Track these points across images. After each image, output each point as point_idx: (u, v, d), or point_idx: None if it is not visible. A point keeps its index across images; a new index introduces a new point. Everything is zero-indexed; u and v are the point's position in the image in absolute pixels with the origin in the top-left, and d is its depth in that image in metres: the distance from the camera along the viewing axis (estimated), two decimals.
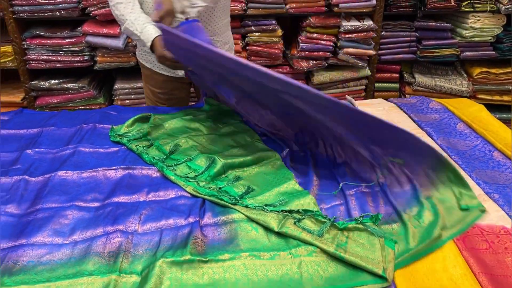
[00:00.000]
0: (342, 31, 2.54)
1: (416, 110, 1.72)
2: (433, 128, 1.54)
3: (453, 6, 2.52)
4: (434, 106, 1.75)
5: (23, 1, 2.39)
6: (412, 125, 1.59)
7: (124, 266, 0.93)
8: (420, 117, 1.65)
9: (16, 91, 2.70)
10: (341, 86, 2.73)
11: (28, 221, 1.07)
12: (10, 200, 1.14)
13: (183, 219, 1.06)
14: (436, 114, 1.68)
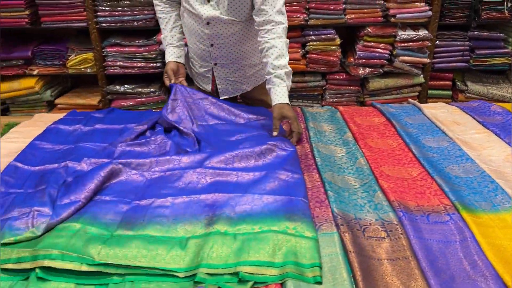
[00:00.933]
0: (398, 40, 2.69)
1: (479, 113, 1.83)
2: (499, 128, 1.65)
3: (506, 17, 2.63)
4: (496, 109, 1.86)
5: (106, 12, 2.65)
6: (478, 126, 1.71)
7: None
8: (484, 119, 1.76)
9: (91, 95, 2.95)
10: (395, 92, 2.86)
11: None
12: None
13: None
14: (499, 116, 1.79)
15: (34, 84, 2.78)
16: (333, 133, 1.68)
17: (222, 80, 1.87)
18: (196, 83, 1.97)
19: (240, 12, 1.66)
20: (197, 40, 1.77)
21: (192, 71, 1.96)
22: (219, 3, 1.65)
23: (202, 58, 1.83)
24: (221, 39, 1.73)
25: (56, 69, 2.81)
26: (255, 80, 1.92)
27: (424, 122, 1.76)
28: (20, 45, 2.83)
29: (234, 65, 1.83)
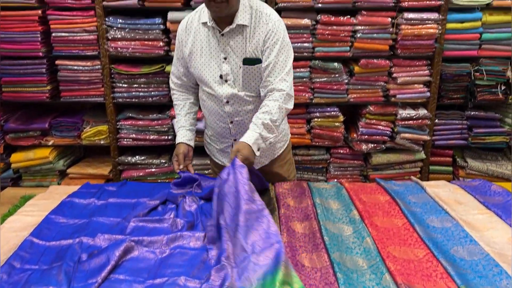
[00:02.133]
0: (398, 118, 2.82)
1: (480, 192, 1.89)
2: (500, 209, 1.70)
3: (501, 99, 2.79)
4: (496, 189, 1.92)
5: (123, 89, 2.81)
6: (480, 206, 1.75)
7: None
8: (485, 199, 1.82)
9: (103, 165, 3.04)
10: (397, 167, 2.95)
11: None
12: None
13: None
14: (500, 196, 1.84)
15: (48, 154, 2.88)
16: (340, 211, 1.73)
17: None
18: (215, 159, 2.05)
19: (254, 87, 1.79)
20: (217, 119, 1.88)
21: (211, 148, 2.04)
22: (235, 82, 1.78)
23: (222, 135, 1.93)
24: (240, 116, 1.84)
25: (71, 140, 2.93)
26: (272, 153, 2.00)
27: (428, 201, 1.81)
28: (39, 117, 2.97)
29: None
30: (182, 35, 1.83)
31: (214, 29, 1.74)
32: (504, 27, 2.71)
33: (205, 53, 1.77)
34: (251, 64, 1.74)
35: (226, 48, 1.74)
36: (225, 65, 1.76)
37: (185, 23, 1.83)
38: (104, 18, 2.69)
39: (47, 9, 2.71)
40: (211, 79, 1.78)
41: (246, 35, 1.72)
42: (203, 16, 1.76)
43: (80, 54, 2.77)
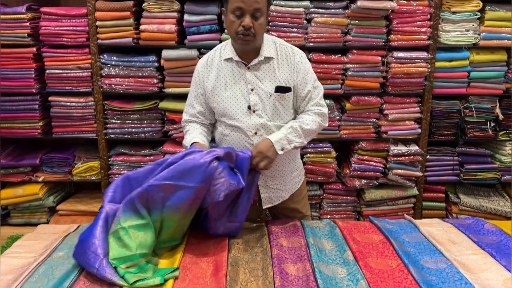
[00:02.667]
0: (390, 154, 2.84)
1: (473, 231, 1.88)
2: (494, 249, 1.69)
3: (490, 135, 2.82)
4: (490, 228, 1.91)
5: (116, 125, 2.81)
6: (474, 246, 1.74)
7: None
8: (479, 238, 1.81)
9: (93, 201, 3.01)
10: (391, 203, 2.94)
11: None
12: None
13: None
14: (493, 236, 1.83)
15: (38, 191, 2.85)
16: (334, 251, 1.70)
17: (265, 189, 1.93)
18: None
19: (283, 115, 1.84)
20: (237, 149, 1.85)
21: None
22: (264, 111, 1.81)
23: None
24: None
25: (62, 176, 2.90)
26: (292, 186, 2.00)
27: (421, 241, 1.79)
28: (30, 152, 2.95)
29: (276, 171, 1.92)
30: (202, 72, 1.86)
31: (239, 63, 1.81)
32: (491, 65, 2.78)
33: (230, 86, 1.82)
34: (283, 92, 1.82)
35: (253, 80, 1.81)
36: (253, 96, 1.80)
37: (205, 61, 1.88)
38: (98, 55, 2.72)
39: (42, 46, 2.74)
40: (238, 111, 1.81)
41: (274, 66, 1.82)
42: (224, 53, 1.83)
43: (74, 90, 2.78)
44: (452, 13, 2.69)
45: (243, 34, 1.69)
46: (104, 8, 2.63)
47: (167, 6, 2.65)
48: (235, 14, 1.69)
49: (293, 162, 1.97)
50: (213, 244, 1.71)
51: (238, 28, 1.70)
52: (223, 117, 1.86)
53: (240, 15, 1.69)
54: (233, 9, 1.69)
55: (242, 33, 1.69)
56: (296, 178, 2.01)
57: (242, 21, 1.68)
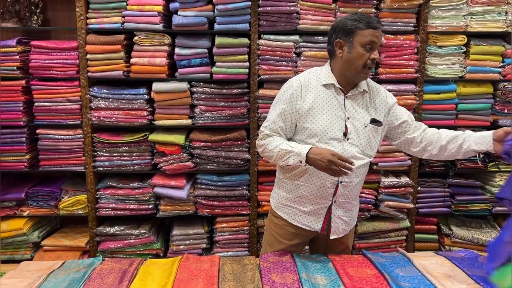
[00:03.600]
0: (382, 186, 2.83)
1: (467, 265, 1.85)
2: (489, 283, 1.66)
3: (480, 166, 2.84)
4: (483, 260, 1.90)
5: (104, 157, 2.78)
6: (469, 280, 1.71)
7: None
8: (473, 272, 1.77)
9: (79, 236, 2.93)
10: (383, 236, 2.91)
11: None
12: None
13: None
14: None
15: (23, 226, 2.76)
16: (327, 287, 1.66)
17: (337, 219, 1.92)
18: (296, 222, 1.94)
19: (374, 146, 1.90)
20: (323, 179, 1.83)
21: (292, 211, 1.94)
22: (357, 140, 1.84)
23: (320, 196, 1.87)
24: (351, 177, 1.84)
25: (48, 210, 2.83)
26: (354, 221, 2.04)
27: (416, 275, 1.76)
28: (15, 186, 2.89)
29: (349, 204, 1.93)
30: (297, 91, 1.86)
31: (338, 90, 1.87)
32: (478, 98, 2.83)
33: (327, 111, 1.84)
34: (377, 125, 1.89)
35: (351, 109, 1.86)
36: (349, 124, 1.84)
37: (299, 82, 1.88)
38: (88, 88, 2.71)
39: (31, 79, 2.73)
40: (332, 136, 1.82)
41: (366, 99, 1.90)
42: (322, 79, 1.88)
43: (62, 123, 2.76)
44: (438, 47, 2.75)
45: (370, 68, 1.81)
46: (95, 41, 2.65)
47: (158, 39, 2.68)
48: (366, 47, 1.77)
49: (358, 198, 2.03)
50: (203, 280, 1.66)
51: (367, 61, 1.78)
52: (313, 139, 1.83)
53: (370, 49, 1.78)
54: (365, 42, 1.77)
55: (369, 66, 1.79)
56: (356, 213, 2.04)
57: (371, 55, 1.78)
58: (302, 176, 1.88)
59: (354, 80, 1.86)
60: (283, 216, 1.97)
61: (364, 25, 1.77)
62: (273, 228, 2.01)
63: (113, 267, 1.79)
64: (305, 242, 2.05)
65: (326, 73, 1.88)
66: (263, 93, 2.72)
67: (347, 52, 1.81)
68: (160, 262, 1.86)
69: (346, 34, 1.80)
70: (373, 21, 1.78)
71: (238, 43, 2.68)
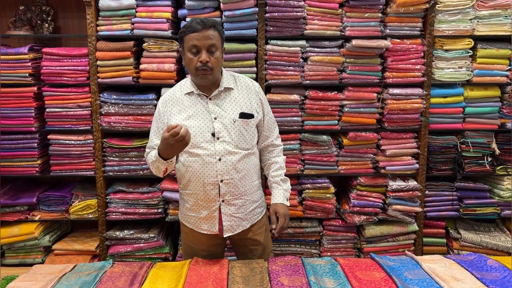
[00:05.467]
0: (389, 190, 2.83)
1: (476, 268, 1.85)
2: (498, 286, 1.66)
3: (488, 170, 2.83)
4: (493, 264, 1.89)
5: (114, 162, 2.81)
6: (478, 283, 1.71)
7: None
8: (482, 275, 1.78)
9: (90, 240, 2.96)
10: (391, 240, 2.90)
11: None
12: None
13: None
14: (497, 272, 1.80)
15: (34, 230, 2.81)
16: None
17: (228, 217, 1.97)
18: (199, 229, 2.01)
19: (247, 140, 1.95)
20: (205, 181, 1.90)
21: (192, 220, 2.01)
22: (228, 137, 1.89)
23: (208, 199, 1.94)
24: (230, 174, 1.91)
25: (58, 215, 2.87)
26: (253, 217, 2.05)
27: (424, 278, 1.76)
28: (27, 191, 2.93)
29: (239, 200, 1.97)
30: (164, 108, 1.98)
31: (200, 96, 1.93)
32: (485, 101, 2.83)
33: (193, 117, 1.91)
34: (247, 118, 1.94)
35: (216, 109, 1.91)
36: (217, 124, 1.90)
37: (165, 98, 1.98)
38: (98, 94, 2.75)
39: (43, 85, 2.78)
40: (202, 139, 1.89)
41: (234, 95, 1.96)
42: (185, 88, 1.96)
43: (73, 128, 2.80)
44: (445, 51, 2.76)
45: (202, 69, 1.83)
46: (105, 48, 2.69)
47: (166, 46, 2.71)
48: (192, 51, 1.84)
49: (254, 193, 2.04)
50: (212, 283, 1.68)
51: (196, 64, 1.83)
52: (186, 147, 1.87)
53: (196, 52, 1.83)
54: (189, 47, 1.84)
55: (201, 68, 1.83)
56: (257, 209, 2.07)
57: (199, 57, 1.83)
58: (188, 184, 1.96)
59: (199, 83, 1.91)
60: (189, 226, 2.04)
61: (187, 30, 1.85)
62: (186, 237, 2.10)
63: (124, 270, 1.82)
64: (219, 244, 2.08)
65: (188, 82, 1.96)
66: (271, 98, 2.74)
67: (184, 59, 1.92)
68: (170, 265, 1.88)
69: (181, 41, 1.90)
70: (194, 25, 1.82)
71: (246, 49, 2.71)
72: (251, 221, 2.04)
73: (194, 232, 2.03)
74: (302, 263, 1.90)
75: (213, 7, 2.71)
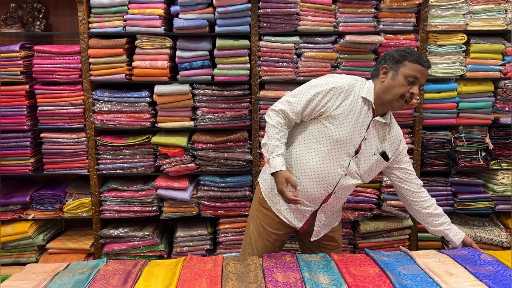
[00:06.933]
0: (384, 185, 2.84)
1: (470, 262, 1.86)
2: (492, 280, 1.66)
3: (482, 165, 2.84)
4: (486, 258, 1.89)
5: (108, 160, 2.80)
6: (471, 277, 1.72)
7: None
8: (476, 269, 1.78)
9: (84, 238, 2.95)
10: (386, 235, 2.91)
11: None
12: None
13: None
14: (490, 266, 1.81)
15: (28, 229, 2.79)
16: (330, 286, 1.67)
17: (320, 223, 2.02)
18: (281, 215, 2.02)
19: (372, 175, 2.02)
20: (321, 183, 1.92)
21: (281, 202, 2.00)
22: (363, 162, 1.93)
23: (311, 199, 1.96)
24: (343, 190, 1.97)
25: (52, 213, 2.85)
26: (338, 218, 2.17)
27: (418, 273, 1.77)
28: (20, 190, 2.91)
29: (332, 213, 2.05)
30: (337, 94, 1.88)
31: (370, 109, 1.92)
32: (479, 96, 2.83)
33: (353, 123, 1.89)
34: (385, 159, 1.97)
35: (370, 132, 1.93)
36: (363, 145, 1.92)
37: (346, 86, 1.89)
38: (91, 91, 2.74)
39: (35, 84, 2.76)
40: (347, 149, 1.90)
41: (386, 132, 1.98)
42: (364, 91, 1.91)
43: (66, 127, 2.78)
44: (438, 46, 2.76)
45: (406, 100, 1.86)
46: (97, 45, 2.67)
47: (159, 43, 2.70)
48: (408, 80, 1.84)
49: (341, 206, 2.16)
50: (206, 280, 1.68)
51: (406, 93, 1.84)
52: (327, 142, 1.88)
53: (411, 82, 1.84)
54: (409, 75, 1.84)
55: (407, 99, 1.86)
56: (338, 214, 2.16)
57: (411, 89, 1.84)
58: (304, 176, 1.93)
59: (387, 106, 1.92)
60: (269, 203, 2.03)
61: (413, 59, 1.85)
62: (262, 218, 2.07)
63: (117, 268, 1.81)
64: (289, 233, 2.13)
65: (369, 89, 1.92)
66: (264, 94, 2.74)
67: (390, 78, 1.88)
68: (164, 263, 1.88)
69: (395, 62, 1.88)
70: (422, 59, 1.87)
71: (239, 45, 2.70)
72: (331, 226, 2.13)
73: (274, 217, 2.04)
74: (296, 259, 1.90)
75: (206, 3, 2.69)
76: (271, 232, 2.05)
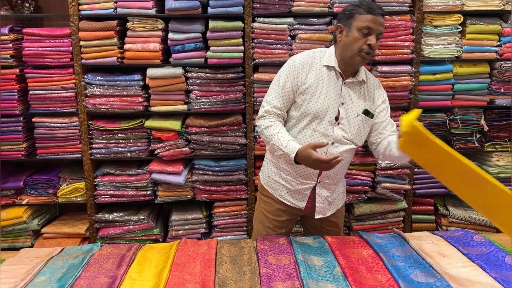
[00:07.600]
0: (378, 168, 2.84)
1: (463, 244, 1.87)
2: (484, 261, 1.68)
3: (477, 147, 2.84)
4: (479, 239, 1.90)
5: (101, 144, 2.78)
6: (464, 258, 1.73)
7: None
8: (468, 250, 1.79)
9: (79, 223, 2.95)
10: (380, 217, 2.92)
11: None
12: None
13: None
14: (483, 247, 1.82)
15: (22, 214, 2.78)
16: (323, 268, 1.68)
17: (321, 199, 1.98)
18: (283, 199, 2.01)
19: (362, 136, 1.94)
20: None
21: (279, 187, 2.00)
22: (347, 127, 1.88)
23: (306, 177, 1.93)
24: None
25: (46, 198, 2.84)
26: (339, 202, 2.10)
27: (411, 255, 1.78)
28: (13, 175, 2.89)
29: (333, 186, 1.99)
30: (300, 69, 1.87)
31: (337, 74, 1.88)
32: (475, 78, 2.82)
33: (324, 93, 1.86)
34: (369, 117, 1.92)
35: (346, 95, 1.88)
36: (342, 110, 1.87)
37: (305, 60, 1.89)
38: (82, 75, 2.70)
39: (25, 67, 2.72)
40: (326, 118, 1.86)
41: (363, 90, 1.93)
42: (325, 59, 1.89)
43: (58, 111, 2.75)
44: (434, 27, 2.73)
45: (366, 53, 1.79)
46: (88, 28, 2.63)
47: (151, 25, 2.65)
48: (362, 32, 1.78)
49: (343, 181, 2.09)
50: (200, 263, 1.68)
51: (362, 45, 1.79)
52: (306, 118, 1.87)
53: (366, 34, 1.78)
54: (361, 27, 1.78)
55: (366, 51, 1.79)
56: (342, 193, 2.11)
57: (367, 40, 1.78)
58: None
59: (351, 64, 1.87)
60: (270, 191, 2.03)
61: (363, 10, 1.79)
62: (262, 205, 2.08)
63: (112, 252, 1.81)
64: (293, 219, 2.10)
65: (329, 55, 1.90)
66: (258, 77, 2.71)
67: (345, 36, 1.84)
68: (158, 247, 1.88)
69: (346, 18, 1.83)
70: (373, 7, 1.79)
71: (232, 27, 2.66)
72: (336, 207, 2.07)
73: (275, 202, 2.03)
74: (290, 242, 1.90)
75: None
76: (272, 219, 2.05)
